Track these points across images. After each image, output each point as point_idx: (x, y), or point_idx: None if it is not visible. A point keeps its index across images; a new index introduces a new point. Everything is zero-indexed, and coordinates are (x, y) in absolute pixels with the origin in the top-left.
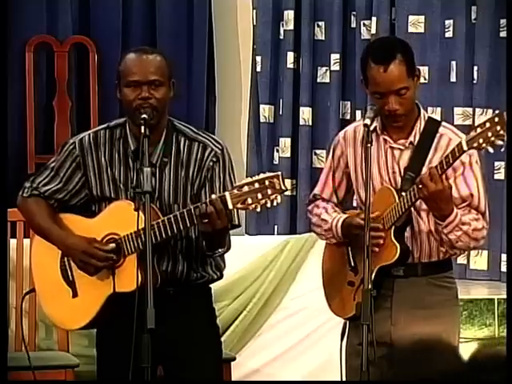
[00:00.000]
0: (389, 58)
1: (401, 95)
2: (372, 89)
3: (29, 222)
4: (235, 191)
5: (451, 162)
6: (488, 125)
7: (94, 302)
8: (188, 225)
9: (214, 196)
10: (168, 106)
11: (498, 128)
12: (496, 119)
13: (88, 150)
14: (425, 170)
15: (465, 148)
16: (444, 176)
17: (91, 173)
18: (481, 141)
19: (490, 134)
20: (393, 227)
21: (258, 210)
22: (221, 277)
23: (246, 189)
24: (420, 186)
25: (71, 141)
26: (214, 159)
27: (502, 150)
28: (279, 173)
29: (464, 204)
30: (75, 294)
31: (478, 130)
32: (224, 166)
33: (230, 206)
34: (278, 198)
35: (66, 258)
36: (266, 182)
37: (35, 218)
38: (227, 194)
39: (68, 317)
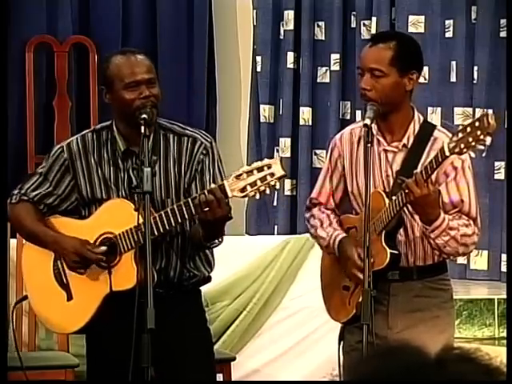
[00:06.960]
0: (381, 39)
1: (375, 77)
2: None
3: (18, 227)
4: (234, 179)
5: (435, 166)
6: (469, 129)
7: (91, 304)
8: (186, 216)
9: (213, 185)
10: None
11: (479, 133)
12: (477, 124)
13: (76, 153)
14: None
15: (447, 153)
16: (430, 180)
17: (80, 175)
18: (462, 146)
19: (470, 139)
20: (383, 232)
21: (258, 197)
22: (209, 277)
23: (244, 177)
24: (406, 191)
25: (58, 146)
26: (204, 152)
27: (484, 154)
28: (277, 158)
29: (455, 210)
30: (70, 297)
31: (460, 134)
32: (213, 158)
33: (230, 194)
34: (278, 183)
35: (59, 262)
36: (265, 169)
37: (24, 222)
38: (225, 182)
39: (64, 320)
